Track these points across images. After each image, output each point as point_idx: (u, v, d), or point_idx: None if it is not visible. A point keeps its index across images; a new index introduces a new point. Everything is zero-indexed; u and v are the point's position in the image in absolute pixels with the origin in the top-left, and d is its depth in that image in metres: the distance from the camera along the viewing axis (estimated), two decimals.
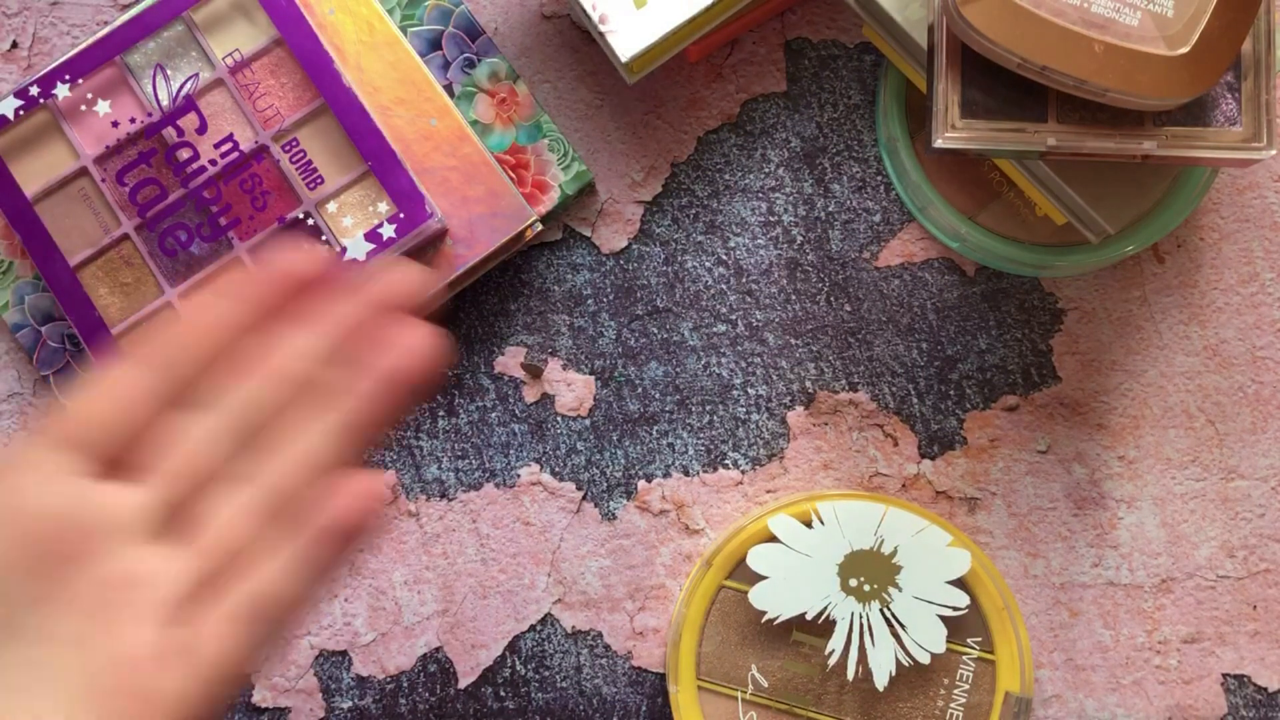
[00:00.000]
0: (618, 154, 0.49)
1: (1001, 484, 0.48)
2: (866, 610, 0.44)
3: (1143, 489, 0.48)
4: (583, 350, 0.48)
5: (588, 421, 0.48)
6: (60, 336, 0.47)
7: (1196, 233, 0.48)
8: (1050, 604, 0.47)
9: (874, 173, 0.49)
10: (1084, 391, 0.48)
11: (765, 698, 0.45)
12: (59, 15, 0.50)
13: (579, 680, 0.48)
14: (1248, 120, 0.40)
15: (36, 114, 0.45)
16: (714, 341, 0.48)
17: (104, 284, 0.45)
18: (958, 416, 0.48)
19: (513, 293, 0.49)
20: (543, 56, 0.49)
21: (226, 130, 0.45)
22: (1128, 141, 0.40)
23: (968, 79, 0.40)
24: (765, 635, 0.45)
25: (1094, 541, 0.48)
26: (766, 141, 0.49)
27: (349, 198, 0.45)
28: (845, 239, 0.48)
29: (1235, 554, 0.47)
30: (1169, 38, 0.38)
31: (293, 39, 0.45)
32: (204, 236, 0.45)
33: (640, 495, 0.48)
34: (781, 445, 0.48)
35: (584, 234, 0.49)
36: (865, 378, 0.48)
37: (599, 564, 0.48)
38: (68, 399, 0.30)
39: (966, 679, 0.45)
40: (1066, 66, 0.37)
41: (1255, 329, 0.48)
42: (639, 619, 0.48)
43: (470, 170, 0.46)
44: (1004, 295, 0.48)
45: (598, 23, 0.44)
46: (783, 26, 0.49)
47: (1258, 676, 0.47)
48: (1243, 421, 0.48)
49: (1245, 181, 0.48)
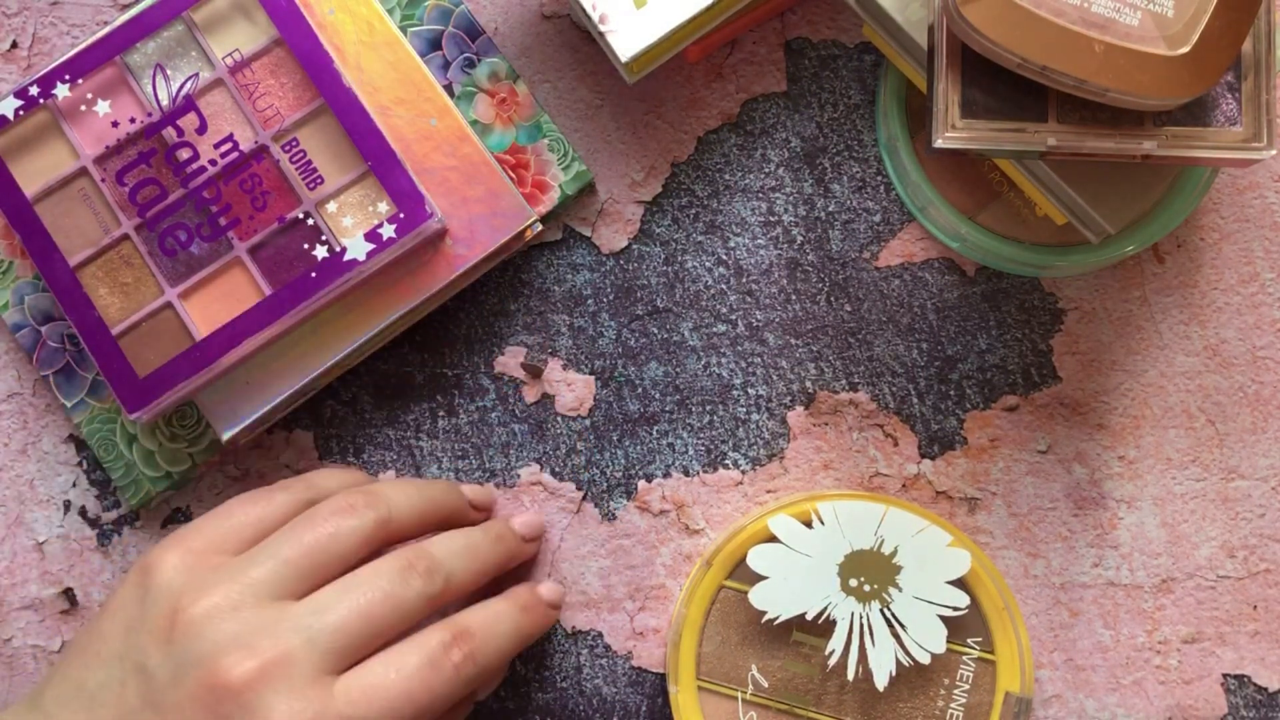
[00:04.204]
0: (618, 154, 0.49)
1: (1001, 484, 0.48)
2: (866, 610, 0.44)
3: (1143, 489, 0.48)
4: (583, 350, 0.48)
5: (588, 421, 0.48)
6: (60, 336, 0.47)
7: (1196, 233, 0.48)
8: (1050, 604, 0.47)
9: (874, 173, 0.49)
10: (1084, 391, 0.48)
11: (765, 698, 0.45)
12: (59, 15, 0.50)
13: (579, 680, 0.48)
14: (1248, 120, 0.40)
15: (36, 114, 0.45)
16: (714, 341, 0.48)
17: (104, 284, 0.45)
18: (958, 416, 0.48)
19: (513, 293, 0.49)
20: (543, 56, 0.49)
21: (226, 130, 0.45)
22: (1128, 141, 0.40)
23: (968, 79, 0.40)
24: (765, 635, 0.45)
25: (1094, 541, 0.48)
26: (766, 141, 0.49)
27: (349, 198, 0.45)
28: (845, 239, 0.48)
29: (1235, 554, 0.47)
30: (1169, 38, 0.38)
31: (293, 39, 0.45)
32: (204, 236, 0.45)
33: (640, 495, 0.48)
34: (781, 445, 0.48)
35: (584, 234, 0.49)
36: (865, 378, 0.48)
37: (599, 564, 0.48)
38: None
39: (966, 679, 0.45)
40: (1066, 66, 0.37)
41: (1255, 329, 0.48)
42: (639, 619, 0.48)
43: (470, 170, 0.46)
44: (1004, 295, 0.48)
45: (598, 23, 0.44)
46: (783, 26, 0.49)
47: (1258, 676, 0.47)
48: (1243, 421, 0.48)
49: (1245, 181, 0.48)
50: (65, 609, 0.48)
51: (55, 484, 0.48)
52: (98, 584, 0.48)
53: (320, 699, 0.34)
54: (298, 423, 0.48)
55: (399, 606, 0.37)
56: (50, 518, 0.48)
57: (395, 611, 0.37)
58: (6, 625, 0.48)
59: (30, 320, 0.47)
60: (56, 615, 0.48)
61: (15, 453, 0.48)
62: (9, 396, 0.48)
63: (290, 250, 0.45)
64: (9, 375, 0.48)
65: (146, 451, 0.47)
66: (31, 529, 0.48)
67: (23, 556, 0.48)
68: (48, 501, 0.48)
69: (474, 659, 0.38)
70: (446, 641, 0.38)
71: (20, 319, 0.47)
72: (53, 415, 0.48)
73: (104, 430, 0.47)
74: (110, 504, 0.48)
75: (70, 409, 0.47)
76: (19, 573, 0.48)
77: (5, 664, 0.48)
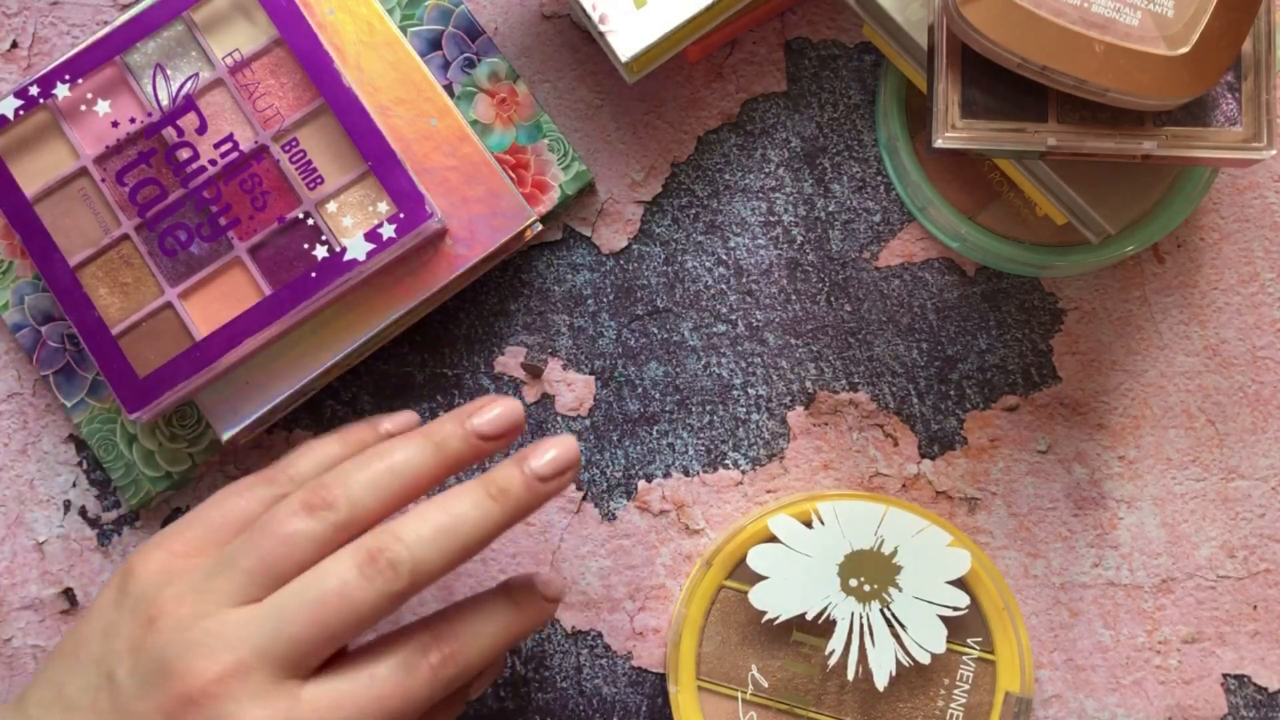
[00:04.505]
0: (618, 154, 0.49)
1: (1001, 484, 0.48)
2: (866, 610, 0.44)
3: (1143, 489, 0.48)
4: (583, 350, 0.48)
5: (588, 421, 0.48)
6: (60, 336, 0.47)
7: (1196, 233, 0.48)
8: (1050, 604, 0.47)
9: (874, 173, 0.49)
10: (1084, 391, 0.48)
11: (765, 698, 0.45)
12: (59, 15, 0.50)
13: (579, 680, 0.48)
14: (1248, 120, 0.40)
15: (36, 114, 0.45)
16: (714, 341, 0.48)
17: (104, 284, 0.45)
18: (958, 416, 0.48)
19: (513, 293, 0.49)
20: (543, 56, 0.49)
21: (226, 130, 0.45)
22: (1128, 141, 0.40)
23: (968, 79, 0.40)
24: (765, 635, 0.45)
25: (1094, 541, 0.48)
26: (766, 141, 0.49)
27: (349, 198, 0.45)
28: (845, 239, 0.48)
29: (1235, 554, 0.47)
30: (1169, 38, 0.38)
31: (293, 39, 0.45)
32: (204, 236, 0.45)
33: (640, 495, 0.48)
34: (781, 445, 0.48)
35: (584, 234, 0.49)
36: (865, 378, 0.48)
37: (599, 564, 0.48)
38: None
39: (966, 679, 0.45)
40: (1066, 66, 0.37)
41: (1255, 329, 0.48)
42: (639, 619, 0.48)
43: (470, 170, 0.46)
44: (1004, 295, 0.48)
45: (598, 23, 0.44)
46: (783, 26, 0.49)
47: (1258, 676, 0.47)
48: (1243, 421, 0.48)
49: (1245, 181, 0.48)
50: (65, 609, 0.48)
51: (55, 484, 0.48)
52: (98, 584, 0.48)
53: (286, 707, 0.34)
54: (298, 423, 0.48)
55: (357, 608, 0.35)
56: (50, 518, 0.48)
57: (353, 613, 0.35)
58: (6, 625, 0.48)
59: (30, 320, 0.47)
60: (56, 615, 0.48)
61: (15, 453, 0.48)
62: (9, 396, 0.48)
63: (290, 250, 0.45)
64: (9, 375, 0.48)
65: (146, 451, 0.47)
66: (31, 529, 0.48)
67: (23, 556, 0.48)
68: (48, 501, 0.48)
69: (454, 661, 0.37)
70: (425, 642, 0.37)
71: (20, 319, 0.47)
72: (53, 415, 0.48)
73: (104, 430, 0.47)
74: (110, 504, 0.48)
75: (70, 409, 0.47)
76: (19, 573, 0.48)
77: (5, 664, 0.48)
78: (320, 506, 0.37)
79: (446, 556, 0.37)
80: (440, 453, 0.39)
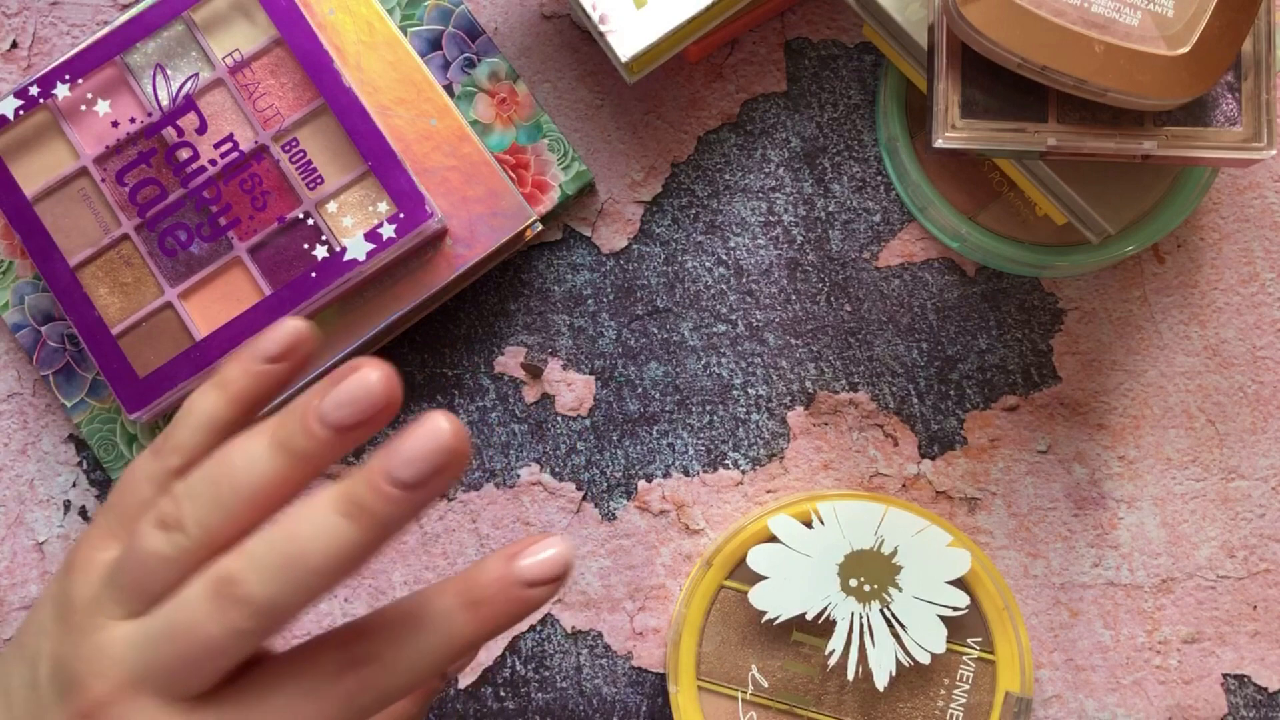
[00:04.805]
0: (618, 154, 0.49)
1: (1001, 484, 0.48)
2: (866, 610, 0.44)
3: (1143, 489, 0.48)
4: (583, 350, 0.48)
5: (588, 421, 0.48)
6: (60, 336, 0.47)
7: (1196, 233, 0.48)
8: (1050, 604, 0.47)
9: (874, 173, 0.49)
10: (1084, 391, 0.48)
11: (765, 698, 0.45)
12: (59, 15, 0.50)
13: (579, 680, 0.48)
14: (1248, 120, 0.40)
15: (36, 114, 0.45)
16: (714, 341, 0.48)
17: (104, 284, 0.45)
18: (958, 416, 0.48)
19: (513, 293, 0.49)
20: (543, 56, 0.49)
21: (226, 130, 0.45)
22: (1128, 141, 0.40)
23: (968, 79, 0.40)
24: (765, 635, 0.45)
25: (1094, 541, 0.48)
26: (766, 141, 0.49)
27: (349, 198, 0.45)
28: (845, 239, 0.48)
29: (1235, 554, 0.47)
30: (1169, 38, 0.38)
31: (293, 39, 0.45)
32: (204, 236, 0.45)
33: (640, 495, 0.48)
34: (781, 445, 0.48)
35: (584, 234, 0.49)
36: (865, 378, 0.48)
37: (599, 564, 0.48)
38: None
39: (966, 679, 0.45)
40: (1066, 66, 0.37)
41: (1255, 329, 0.48)
42: (639, 619, 0.48)
43: (470, 170, 0.46)
44: (1004, 295, 0.48)
45: (598, 23, 0.44)
46: (783, 26, 0.49)
47: (1258, 676, 0.47)
48: (1243, 421, 0.48)
49: (1245, 181, 0.48)
50: None
51: (55, 484, 0.48)
52: None
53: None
54: None
55: (210, 647, 0.31)
56: (50, 518, 0.48)
57: (209, 652, 0.31)
58: (6, 625, 0.48)
59: (30, 320, 0.47)
60: None
61: (15, 453, 0.48)
62: (9, 396, 0.48)
63: (290, 250, 0.45)
64: (9, 375, 0.48)
65: None
66: (31, 529, 0.48)
67: (23, 556, 0.48)
68: (48, 501, 0.48)
69: (372, 688, 0.32)
70: (339, 662, 0.32)
71: (20, 319, 0.47)
72: (53, 415, 0.48)
73: (104, 430, 0.47)
74: None
75: (70, 409, 0.47)
76: (19, 573, 0.48)
77: None
78: (172, 525, 0.33)
79: (298, 593, 0.31)
80: (287, 454, 0.33)
